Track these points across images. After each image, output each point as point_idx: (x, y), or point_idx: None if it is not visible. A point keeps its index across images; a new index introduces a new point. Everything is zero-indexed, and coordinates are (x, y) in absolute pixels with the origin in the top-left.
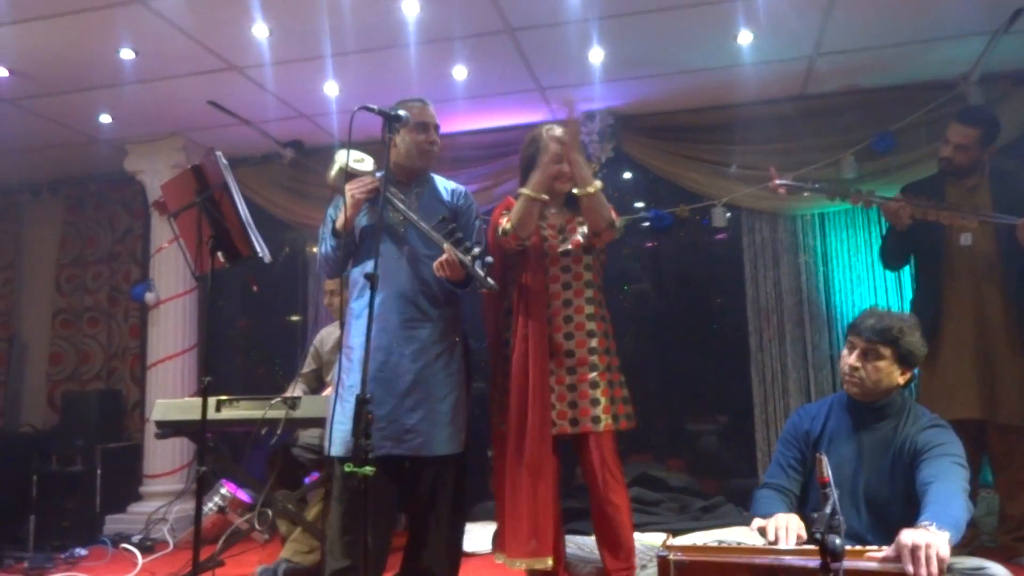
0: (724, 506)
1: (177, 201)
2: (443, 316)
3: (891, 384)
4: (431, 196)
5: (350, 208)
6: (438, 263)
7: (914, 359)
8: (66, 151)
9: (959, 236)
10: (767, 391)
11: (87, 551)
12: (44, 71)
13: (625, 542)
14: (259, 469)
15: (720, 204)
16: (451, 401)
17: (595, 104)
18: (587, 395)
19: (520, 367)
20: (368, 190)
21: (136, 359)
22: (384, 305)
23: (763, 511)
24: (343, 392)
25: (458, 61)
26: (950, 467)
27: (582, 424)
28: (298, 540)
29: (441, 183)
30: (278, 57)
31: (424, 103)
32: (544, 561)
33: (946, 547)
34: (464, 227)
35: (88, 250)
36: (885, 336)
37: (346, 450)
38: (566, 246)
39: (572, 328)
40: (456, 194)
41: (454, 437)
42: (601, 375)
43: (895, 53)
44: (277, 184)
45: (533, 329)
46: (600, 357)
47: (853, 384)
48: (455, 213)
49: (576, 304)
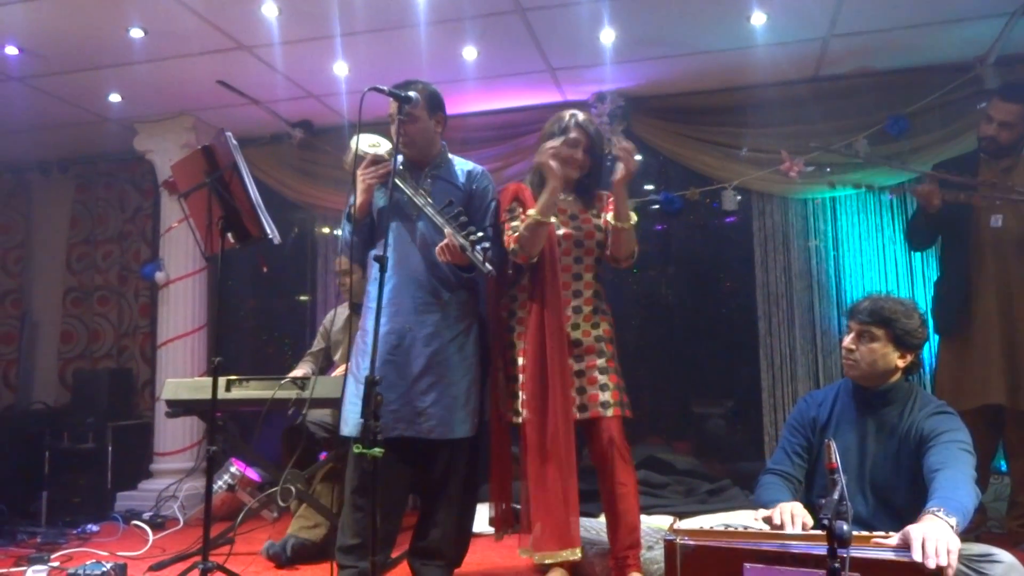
0: (731, 489)
1: (187, 181)
2: (457, 299)
3: (888, 367)
4: (445, 178)
5: (361, 193)
6: (439, 247)
7: (912, 342)
8: (76, 130)
9: (990, 218)
10: (775, 376)
11: (99, 527)
12: (54, 50)
13: (632, 522)
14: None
15: (731, 187)
16: (464, 385)
17: (606, 85)
18: (596, 380)
19: (536, 357)
20: (379, 175)
21: (146, 338)
22: (397, 289)
23: (767, 497)
24: (357, 373)
25: (468, 41)
26: (957, 453)
27: (591, 409)
28: (304, 516)
29: (459, 164)
30: (287, 37)
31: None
32: (575, 552)
33: (956, 538)
34: (478, 209)
35: (98, 229)
36: (877, 317)
37: (358, 431)
38: (579, 235)
39: (580, 319)
40: (472, 176)
41: (467, 420)
42: (609, 362)
43: (910, 34)
44: (286, 164)
45: (549, 319)
46: (606, 344)
47: (849, 367)
48: (470, 195)
49: (585, 295)
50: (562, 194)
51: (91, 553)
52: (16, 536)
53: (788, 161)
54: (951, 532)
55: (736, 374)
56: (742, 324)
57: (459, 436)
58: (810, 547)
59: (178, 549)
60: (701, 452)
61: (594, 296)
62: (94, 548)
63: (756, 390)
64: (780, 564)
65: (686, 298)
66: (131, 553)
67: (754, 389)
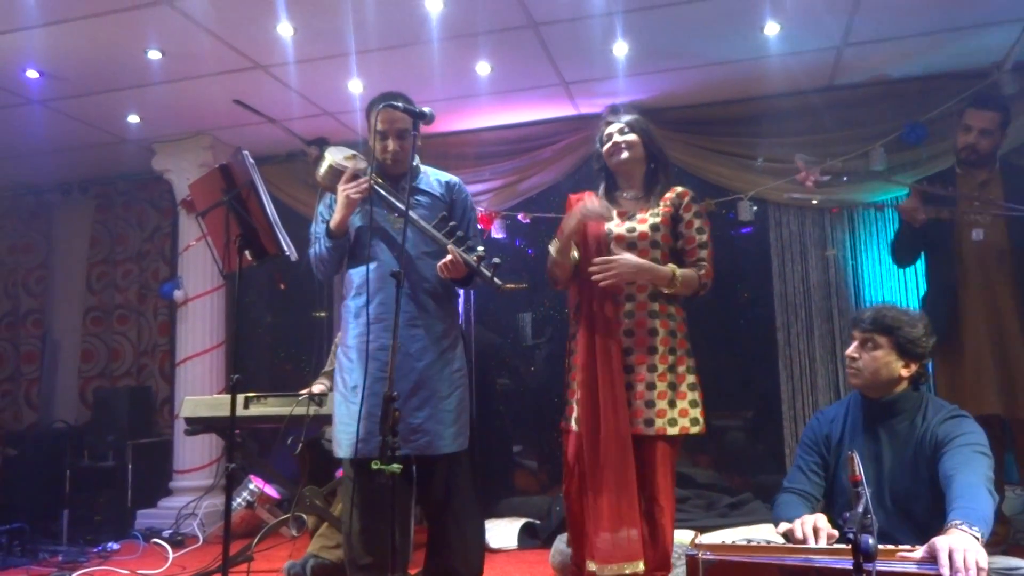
0: (751, 503)
1: (205, 200)
2: (443, 312)
3: (891, 376)
4: (424, 190)
5: (344, 208)
6: (443, 264)
7: (916, 351)
8: (95, 151)
9: (971, 232)
10: (795, 386)
11: (119, 545)
12: (73, 73)
13: (663, 545)
14: (287, 465)
15: (746, 198)
16: (455, 399)
17: (619, 98)
18: (642, 396)
19: (588, 366)
20: (363, 190)
21: (165, 356)
22: (384, 304)
23: (786, 515)
24: (346, 392)
25: (481, 57)
26: (971, 456)
27: (635, 426)
28: (325, 535)
29: (433, 175)
30: (302, 55)
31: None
32: (635, 565)
33: (983, 552)
34: (461, 220)
35: (118, 248)
36: (880, 325)
37: (353, 451)
38: (632, 236)
39: (632, 325)
40: (451, 187)
41: (460, 434)
42: (660, 376)
43: (926, 42)
44: (302, 182)
45: (598, 328)
46: (662, 357)
47: (852, 375)
48: (451, 206)
49: (639, 300)
50: (625, 192)
51: (112, 572)
52: (38, 554)
53: (804, 171)
54: (978, 545)
55: (755, 385)
56: (760, 335)
57: (454, 450)
58: (834, 561)
59: (198, 567)
60: (721, 465)
61: (651, 299)
62: (115, 567)
63: (776, 401)
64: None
65: (704, 309)
66: (151, 571)
67: (774, 400)
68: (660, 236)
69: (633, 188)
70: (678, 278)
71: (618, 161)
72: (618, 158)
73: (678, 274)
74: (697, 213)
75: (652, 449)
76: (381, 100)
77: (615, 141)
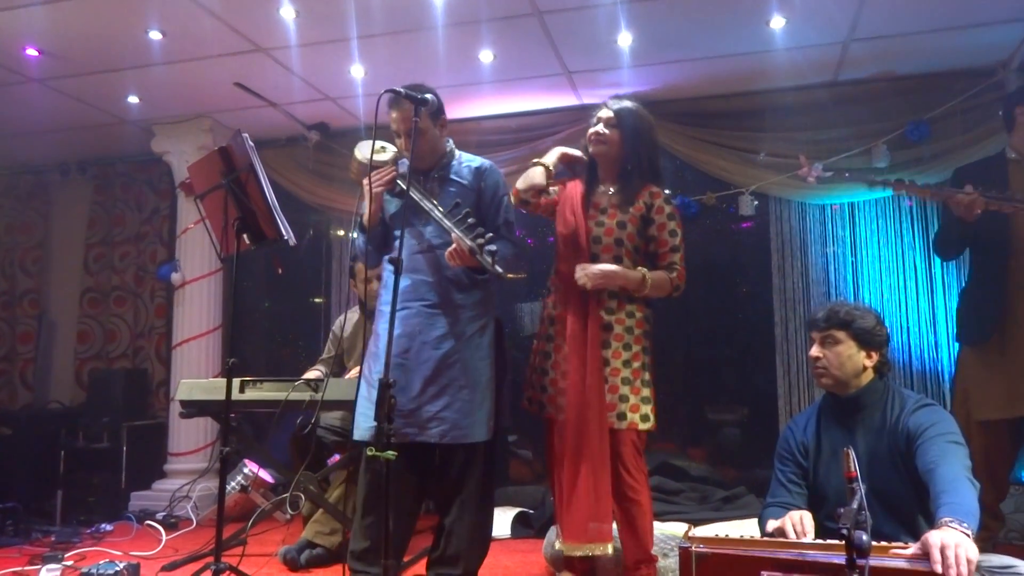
0: (745, 497)
1: (204, 182)
2: (469, 301)
3: (856, 367)
4: (453, 178)
5: (371, 202)
6: (448, 252)
7: (874, 340)
8: (94, 131)
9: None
10: (792, 382)
11: (112, 527)
12: (73, 52)
13: (642, 537)
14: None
15: (747, 192)
16: (479, 388)
17: (623, 89)
18: (616, 390)
19: (567, 358)
20: (384, 181)
21: (162, 339)
22: (408, 292)
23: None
24: (369, 377)
25: (485, 44)
26: (947, 448)
27: (608, 419)
28: (320, 521)
29: (466, 162)
30: (305, 39)
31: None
32: (604, 547)
33: (974, 547)
34: (490, 205)
35: (115, 230)
36: (836, 320)
37: (370, 435)
38: (598, 232)
39: (611, 320)
40: (481, 172)
41: (480, 425)
42: (635, 372)
43: (932, 39)
44: (302, 167)
45: (582, 319)
46: (635, 355)
47: (820, 375)
48: (479, 192)
49: (619, 297)
50: (601, 186)
51: (105, 552)
52: (31, 534)
53: (806, 166)
54: (969, 540)
55: (751, 380)
56: (758, 330)
57: (473, 440)
58: (828, 555)
59: (191, 549)
60: (715, 459)
61: (610, 297)
62: (108, 547)
63: (772, 396)
64: (798, 572)
65: (702, 303)
66: (144, 553)
67: (770, 395)
68: (626, 235)
69: (607, 182)
70: (648, 281)
71: (593, 152)
72: (594, 148)
73: (648, 278)
74: (670, 215)
75: (621, 443)
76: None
77: (596, 131)
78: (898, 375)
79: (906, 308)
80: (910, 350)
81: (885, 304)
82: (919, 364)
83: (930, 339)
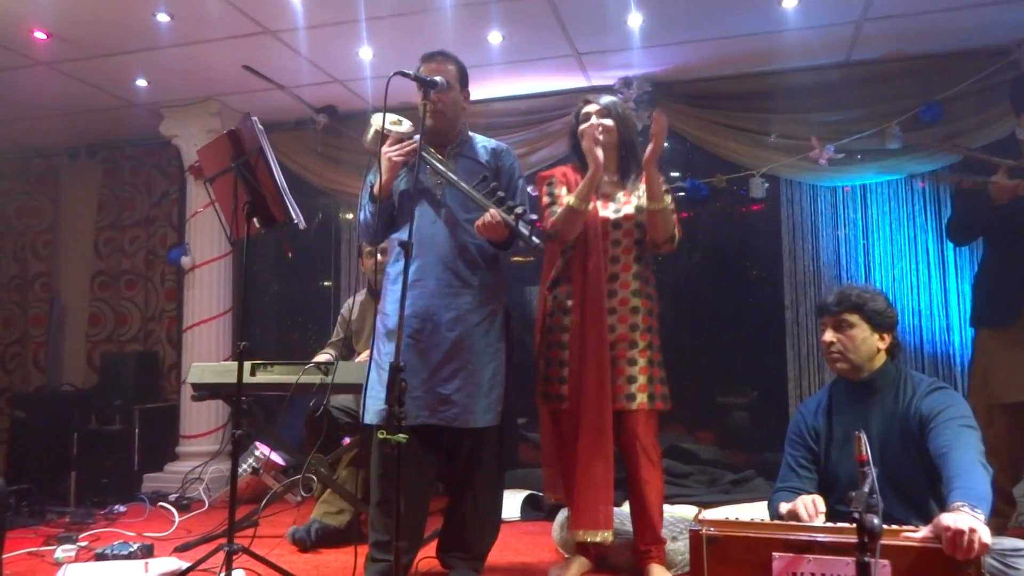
0: (755, 480)
1: (213, 166)
2: (483, 282)
3: (871, 350)
4: (469, 156)
5: (387, 172)
6: (480, 223)
7: (886, 321)
8: (103, 115)
9: None
10: (802, 365)
11: (126, 508)
12: (81, 34)
13: (654, 518)
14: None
15: (758, 174)
16: (489, 372)
17: (632, 70)
18: (623, 372)
19: (577, 344)
20: (406, 152)
21: (172, 322)
22: (421, 271)
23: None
24: (379, 359)
25: (493, 26)
26: (960, 431)
27: (618, 401)
28: (328, 501)
29: (481, 142)
30: (312, 21)
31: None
32: (606, 535)
33: (987, 531)
34: (507, 187)
35: (125, 213)
36: (848, 304)
37: (379, 419)
38: (617, 217)
39: (615, 303)
40: (496, 153)
41: (491, 409)
42: (641, 352)
43: (946, 18)
44: (311, 150)
45: (589, 305)
46: (642, 335)
47: (836, 360)
48: (496, 173)
49: (622, 278)
50: (605, 175)
51: (118, 533)
52: (45, 516)
53: (818, 148)
54: (981, 525)
55: (762, 363)
56: (769, 313)
57: (483, 425)
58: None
59: (203, 531)
60: (725, 442)
61: (634, 279)
62: (121, 528)
63: (782, 380)
64: (809, 552)
65: (712, 286)
66: (157, 534)
67: (780, 379)
68: (644, 217)
69: (608, 171)
70: (669, 203)
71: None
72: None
73: (668, 200)
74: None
75: (635, 424)
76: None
77: (600, 123)
78: (910, 359)
79: (918, 291)
80: (922, 334)
81: (897, 287)
82: (931, 348)
83: (942, 322)
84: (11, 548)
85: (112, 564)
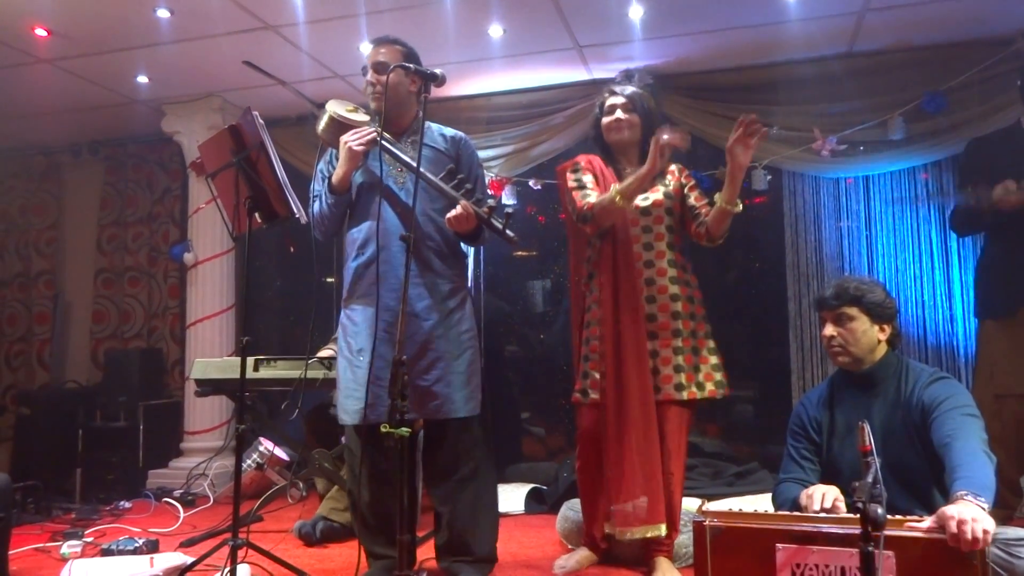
0: (758, 472)
1: (214, 162)
2: (451, 271)
3: (872, 342)
4: (427, 143)
5: (348, 161)
6: (452, 216)
7: (885, 312)
8: (105, 112)
9: None
10: (805, 357)
11: (131, 504)
12: (81, 31)
13: (673, 513)
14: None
15: (760, 166)
16: (466, 360)
17: (634, 63)
18: (669, 361)
19: (612, 337)
20: (366, 141)
21: (176, 318)
22: (389, 263)
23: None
24: (351, 356)
25: (494, 19)
26: (963, 420)
27: (664, 391)
28: (335, 498)
29: (438, 130)
30: (313, 16)
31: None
32: (658, 528)
33: (990, 521)
34: (466, 176)
35: (128, 210)
36: (847, 297)
37: (360, 418)
38: (646, 205)
39: (654, 291)
40: (456, 141)
41: (471, 398)
42: (685, 340)
43: (949, 7)
44: (312, 145)
45: (623, 294)
46: (684, 322)
47: (837, 354)
48: (456, 162)
49: (658, 266)
50: (627, 168)
51: (124, 529)
52: (51, 512)
53: (820, 139)
54: (985, 514)
55: (765, 356)
56: (771, 305)
57: (465, 415)
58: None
59: (208, 526)
60: (729, 435)
61: (670, 266)
62: (127, 524)
63: (785, 372)
64: (812, 543)
65: (714, 279)
66: (162, 529)
67: (783, 371)
68: (673, 204)
69: (632, 164)
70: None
71: (618, 139)
72: (619, 135)
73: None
74: (696, 183)
75: (670, 416)
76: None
77: (618, 118)
78: (914, 350)
79: (921, 282)
80: (926, 325)
81: (900, 278)
82: (935, 339)
83: (946, 313)
84: (17, 544)
85: (118, 559)
